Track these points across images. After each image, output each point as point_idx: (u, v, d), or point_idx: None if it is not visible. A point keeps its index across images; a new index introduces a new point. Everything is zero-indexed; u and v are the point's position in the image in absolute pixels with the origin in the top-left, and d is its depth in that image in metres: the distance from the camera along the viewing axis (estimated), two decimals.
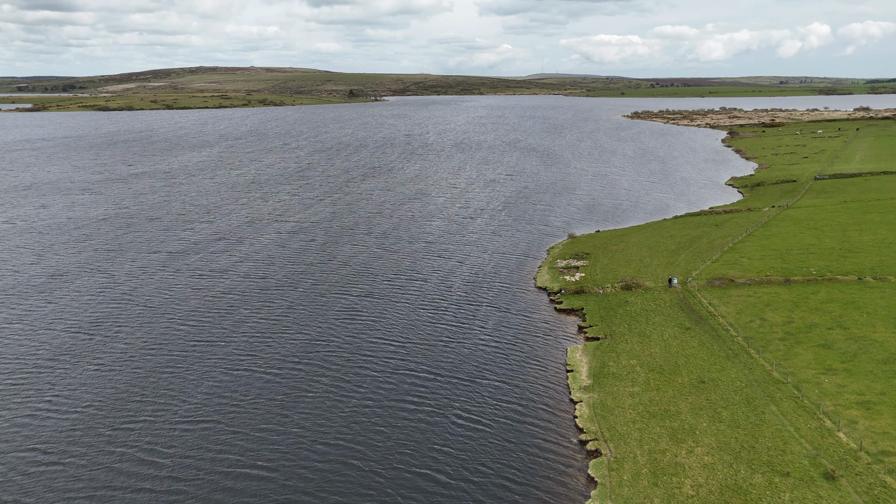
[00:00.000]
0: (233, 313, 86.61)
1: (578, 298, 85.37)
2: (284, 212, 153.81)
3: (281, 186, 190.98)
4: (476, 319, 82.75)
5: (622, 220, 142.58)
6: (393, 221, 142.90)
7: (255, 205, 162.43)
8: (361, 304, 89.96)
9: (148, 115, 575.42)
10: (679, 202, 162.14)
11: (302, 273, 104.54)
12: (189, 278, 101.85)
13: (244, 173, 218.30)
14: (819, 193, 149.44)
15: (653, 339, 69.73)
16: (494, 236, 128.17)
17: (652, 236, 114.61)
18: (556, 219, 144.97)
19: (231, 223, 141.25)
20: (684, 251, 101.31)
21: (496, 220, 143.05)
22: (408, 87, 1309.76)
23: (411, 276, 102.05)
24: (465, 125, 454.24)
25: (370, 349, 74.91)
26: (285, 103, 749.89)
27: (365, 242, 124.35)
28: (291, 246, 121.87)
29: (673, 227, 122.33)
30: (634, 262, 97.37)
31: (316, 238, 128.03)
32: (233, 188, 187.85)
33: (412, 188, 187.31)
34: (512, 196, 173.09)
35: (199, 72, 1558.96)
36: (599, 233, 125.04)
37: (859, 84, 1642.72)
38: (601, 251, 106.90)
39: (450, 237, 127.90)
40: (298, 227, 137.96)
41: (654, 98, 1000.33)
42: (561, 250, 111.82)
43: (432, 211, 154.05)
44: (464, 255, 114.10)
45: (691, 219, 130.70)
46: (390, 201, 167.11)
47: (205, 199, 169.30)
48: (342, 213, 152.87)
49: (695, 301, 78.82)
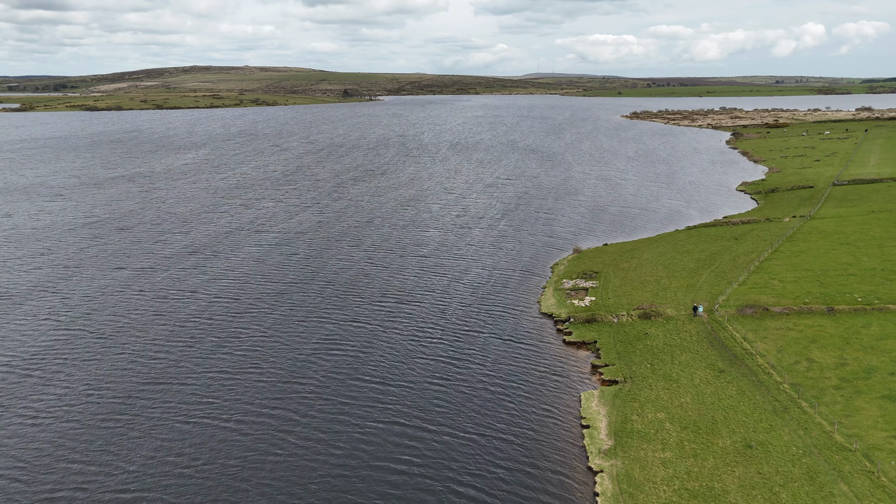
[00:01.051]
0: (195, 346, 75.75)
1: (590, 329, 74.83)
2: (267, 221, 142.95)
3: (266, 192, 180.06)
4: (474, 355, 72.13)
5: (631, 230, 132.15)
6: (384, 231, 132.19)
7: (237, 212, 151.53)
8: (344, 333, 79.22)
9: (137, 116, 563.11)
10: (690, 209, 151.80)
11: (280, 294, 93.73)
12: (152, 301, 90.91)
13: (228, 177, 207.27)
14: (841, 201, 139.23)
15: (681, 384, 59.23)
16: (493, 249, 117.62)
17: (666, 252, 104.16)
18: (559, 228, 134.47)
19: (208, 234, 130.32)
20: (705, 270, 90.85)
21: (495, 230, 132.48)
22: (403, 86, 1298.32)
23: (402, 298, 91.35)
24: (461, 125, 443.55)
25: (351, 393, 64.23)
26: (278, 103, 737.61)
27: (352, 256, 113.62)
28: (271, 261, 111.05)
29: (688, 241, 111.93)
30: (650, 284, 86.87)
31: (298, 251, 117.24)
32: (215, 194, 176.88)
33: (405, 193, 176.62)
34: (511, 202, 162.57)
35: (193, 71, 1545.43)
36: (607, 246, 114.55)
37: (856, 84, 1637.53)
38: (611, 269, 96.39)
39: (445, 250, 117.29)
40: (280, 238, 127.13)
41: (651, 98, 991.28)
42: (567, 267, 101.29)
43: (426, 219, 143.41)
44: (460, 272, 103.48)
45: (706, 230, 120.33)
46: (382, 208, 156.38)
47: (183, 207, 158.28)
48: (329, 221, 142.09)
49: (725, 334, 68.31)
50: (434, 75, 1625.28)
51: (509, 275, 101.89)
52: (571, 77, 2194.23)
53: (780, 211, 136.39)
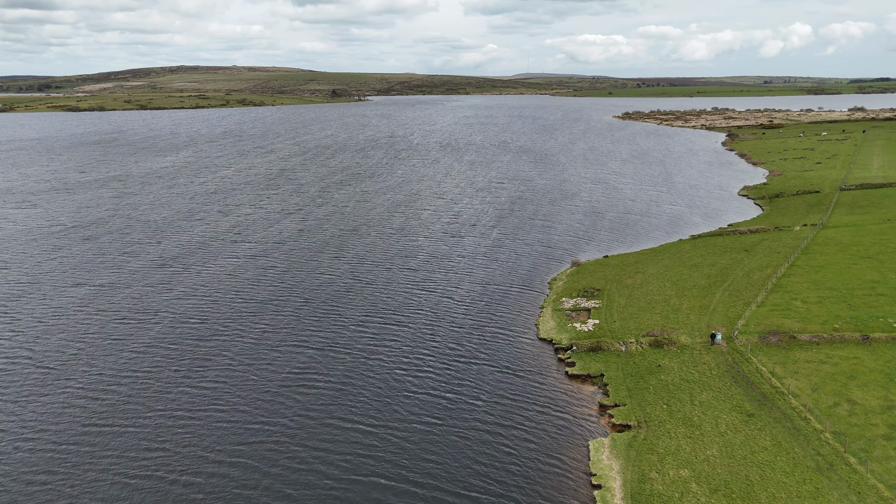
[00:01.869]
0: (152, 379, 67.13)
1: (595, 359, 66.84)
2: (245, 229, 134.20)
3: (246, 197, 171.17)
4: (467, 390, 63.98)
5: (632, 239, 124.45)
6: (369, 241, 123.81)
7: (213, 220, 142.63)
8: (321, 363, 70.87)
9: (119, 116, 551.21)
10: (692, 216, 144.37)
11: (252, 315, 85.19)
12: (110, 324, 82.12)
13: (208, 181, 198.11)
14: (852, 208, 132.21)
15: (705, 430, 51.38)
16: (486, 261, 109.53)
17: (672, 266, 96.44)
18: (555, 237, 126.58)
19: (179, 244, 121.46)
20: (718, 288, 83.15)
21: (488, 239, 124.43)
22: (393, 86, 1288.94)
23: (387, 319, 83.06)
24: (451, 126, 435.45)
25: (327, 438, 55.95)
26: (265, 103, 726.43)
27: (334, 270, 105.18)
28: (245, 275, 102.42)
29: (694, 252, 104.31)
30: (659, 305, 79.04)
31: (276, 264, 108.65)
32: (192, 199, 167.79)
33: (394, 198, 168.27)
34: (505, 207, 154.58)
35: (180, 71, 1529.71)
36: (608, 259, 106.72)
37: (843, 84, 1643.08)
38: (615, 286, 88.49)
39: (435, 262, 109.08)
40: (258, 249, 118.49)
41: (641, 98, 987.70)
42: (566, 283, 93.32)
43: (415, 227, 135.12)
44: (451, 288, 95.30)
45: (713, 240, 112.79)
46: (368, 215, 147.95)
47: (156, 214, 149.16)
48: (311, 229, 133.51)
49: (749, 368, 60.54)
50: (424, 75, 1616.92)
51: (504, 291, 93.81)
52: (561, 77, 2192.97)
53: (789, 218, 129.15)
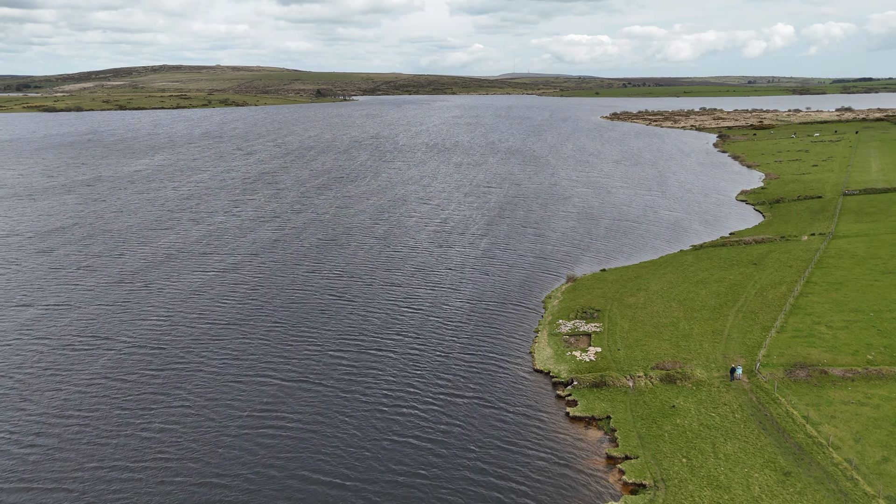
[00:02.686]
0: (89, 425, 58.28)
1: (599, 396, 58.85)
2: (216, 239, 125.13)
3: (220, 203, 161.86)
4: (455, 436, 55.73)
5: (629, 249, 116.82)
6: (349, 252, 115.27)
7: (183, 229, 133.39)
8: (290, 401, 62.37)
9: (97, 117, 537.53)
10: (690, 223, 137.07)
11: (215, 340, 76.45)
12: (50, 354, 73.03)
13: (181, 186, 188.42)
14: (859, 215, 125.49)
15: (735, 494, 43.51)
16: (475, 275, 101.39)
17: (677, 281, 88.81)
18: (549, 247, 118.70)
19: (144, 257, 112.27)
20: (730, 309, 75.54)
21: (477, 250, 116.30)
22: (378, 86, 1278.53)
23: (367, 344, 74.67)
24: (438, 126, 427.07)
25: (292, 499, 47.50)
26: (248, 104, 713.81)
27: (310, 286, 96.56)
28: (211, 293, 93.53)
29: (698, 266, 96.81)
30: (667, 329, 71.27)
31: (246, 279, 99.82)
32: (162, 206, 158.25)
33: (377, 204, 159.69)
34: (494, 213, 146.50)
35: (163, 70, 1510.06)
36: (606, 273, 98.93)
37: (826, 84, 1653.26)
38: (616, 306, 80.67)
39: (420, 276, 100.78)
40: (228, 261, 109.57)
41: (628, 98, 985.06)
42: (562, 301, 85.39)
43: (399, 236, 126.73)
44: (438, 307, 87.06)
45: (716, 252, 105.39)
46: (349, 223, 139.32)
47: (122, 222, 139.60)
48: (288, 239, 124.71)
49: (779, 410, 52.83)
50: (410, 75, 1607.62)
51: (495, 310, 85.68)
52: (547, 77, 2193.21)
53: (793, 226, 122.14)
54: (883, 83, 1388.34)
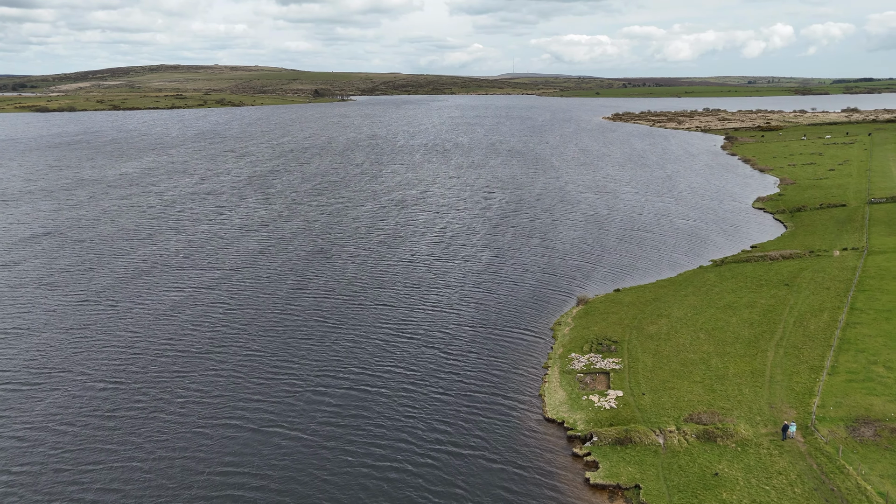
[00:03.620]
0: (34, 476, 48.80)
1: (625, 457, 49.39)
2: (195, 252, 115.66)
3: (205, 210, 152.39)
4: (453, 501, 46.38)
5: (643, 263, 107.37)
6: (338, 268, 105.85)
7: (162, 240, 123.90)
8: (258, 458, 52.95)
9: (90, 117, 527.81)
10: (706, 232, 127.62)
11: (180, 377, 67.02)
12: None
13: (166, 191, 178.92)
14: (891, 226, 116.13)
15: None
16: (476, 294, 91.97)
17: (701, 305, 79.44)
18: (555, 260, 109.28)
19: (114, 272, 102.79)
20: (768, 342, 66.13)
21: (478, 264, 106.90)
22: (377, 86, 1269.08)
23: (354, 381, 65.28)
24: (437, 126, 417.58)
25: None
26: (245, 103, 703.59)
27: (292, 309, 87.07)
28: (183, 316, 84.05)
29: (723, 286, 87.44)
30: (697, 368, 61.88)
31: (224, 300, 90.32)
32: (143, 214, 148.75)
33: (371, 211, 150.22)
34: (496, 222, 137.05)
35: (160, 70, 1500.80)
36: (620, 293, 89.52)
37: (827, 84, 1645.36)
38: (635, 336, 71.30)
39: (416, 296, 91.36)
40: (207, 278, 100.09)
41: (629, 98, 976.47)
42: (573, 329, 76.01)
43: (394, 248, 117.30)
44: (435, 334, 77.65)
45: (741, 269, 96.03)
46: (340, 232, 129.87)
47: (96, 231, 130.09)
48: (274, 251, 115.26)
49: (848, 484, 43.42)
50: (409, 75, 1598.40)
51: (499, 339, 76.28)
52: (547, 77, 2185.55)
53: (820, 239, 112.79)
54: (884, 83, 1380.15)
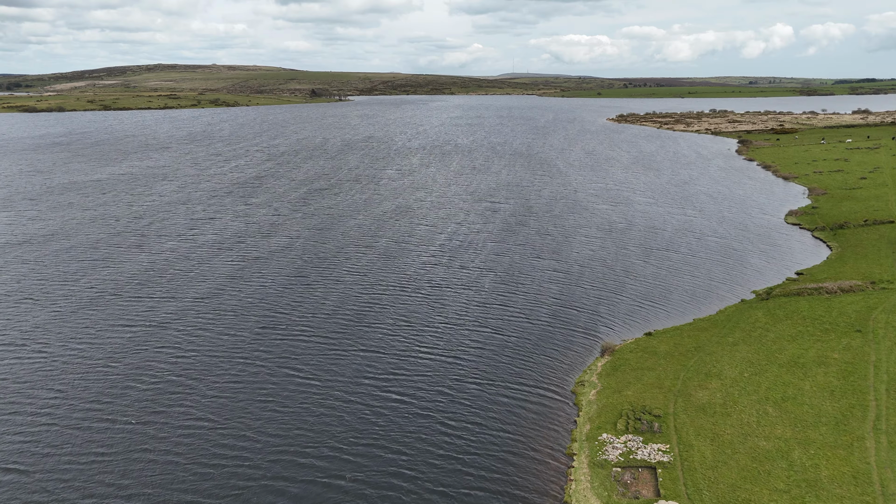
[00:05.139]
0: None
1: None
2: (156, 276, 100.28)
3: (176, 223, 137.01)
4: None
5: (674, 293, 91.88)
6: (311, 307, 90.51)
7: (121, 260, 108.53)
8: None
9: (78, 118, 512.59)
10: (743, 254, 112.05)
11: (90, 469, 51.76)
12: None
13: (138, 199, 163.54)
14: None
15: None
16: (479, 335, 76.66)
17: (759, 360, 64.14)
18: (570, 287, 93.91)
19: (53, 305, 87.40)
20: (862, 424, 50.81)
21: (480, 294, 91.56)
22: (376, 86, 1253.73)
23: (314, 480, 50.03)
24: (437, 128, 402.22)
25: None
26: (240, 104, 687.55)
27: (255, 358, 71.81)
28: (118, 369, 68.72)
29: (778, 330, 72.19)
30: (776, 466, 46.55)
31: (175, 343, 75.01)
32: (106, 227, 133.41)
33: (360, 225, 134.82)
34: (500, 237, 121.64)
35: (157, 70, 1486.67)
36: (652, 338, 74.20)
37: (828, 84, 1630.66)
38: (681, 405, 56.00)
39: (405, 339, 76.06)
40: (159, 313, 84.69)
41: (631, 99, 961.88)
42: (601, 395, 60.70)
43: (382, 277, 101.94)
44: (426, 399, 62.38)
45: (793, 304, 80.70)
46: (323, 253, 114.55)
47: (45, 250, 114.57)
48: (243, 278, 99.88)
49: None
50: (408, 75, 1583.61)
51: (507, 405, 60.94)
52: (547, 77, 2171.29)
53: (877, 265, 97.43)
54: (889, 84, 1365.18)
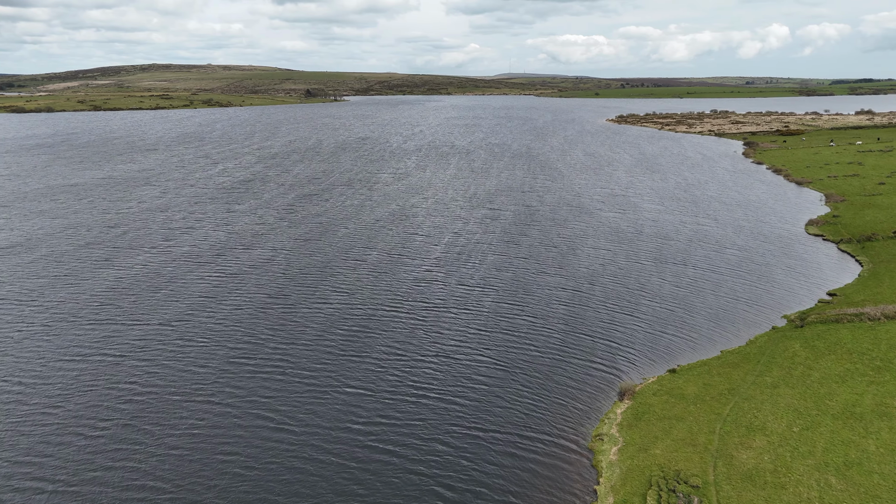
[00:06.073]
0: None
1: None
2: (114, 300, 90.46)
3: (151, 234, 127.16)
4: None
5: (695, 316, 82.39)
6: (290, 335, 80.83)
7: (84, 276, 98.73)
8: None
9: (67, 119, 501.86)
10: (765, 268, 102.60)
11: None
12: None
13: (114, 206, 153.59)
14: None
15: None
16: (479, 366, 67.08)
17: (807, 409, 54.76)
18: (580, 308, 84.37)
19: (12, 325, 77.65)
20: None
21: (479, 318, 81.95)
22: (372, 86, 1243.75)
23: None
24: (434, 128, 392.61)
25: None
26: (233, 104, 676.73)
27: (219, 403, 62.14)
28: (63, 414, 58.96)
29: (820, 366, 62.83)
30: None
31: (133, 378, 65.31)
32: (74, 238, 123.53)
33: (349, 237, 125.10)
34: (501, 250, 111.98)
35: (152, 70, 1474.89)
36: (677, 377, 64.71)
37: (825, 84, 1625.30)
38: (723, 471, 46.58)
39: (395, 377, 66.45)
40: (110, 346, 74.91)
41: (630, 99, 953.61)
42: (623, 453, 51.20)
43: (372, 297, 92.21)
44: (418, 453, 52.80)
45: (833, 333, 71.29)
46: (305, 270, 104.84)
47: (18, 259, 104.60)
48: (211, 304, 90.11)
49: None
50: (404, 74, 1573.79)
51: (513, 467, 51.36)
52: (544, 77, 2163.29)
53: None
54: (887, 84, 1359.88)
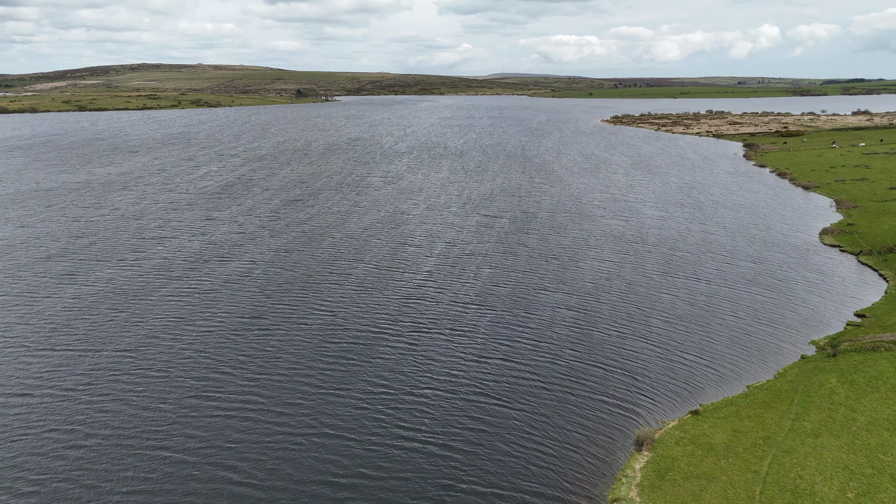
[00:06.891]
0: None
1: None
2: (74, 320, 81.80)
3: (121, 244, 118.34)
4: None
5: (715, 343, 74.51)
6: (263, 363, 72.39)
7: (45, 293, 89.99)
8: None
9: (51, 119, 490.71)
10: (786, 284, 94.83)
11: None
12: None
13: (84, 214, 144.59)
14: None
15: None
16: (473, 405, 58.98)
17: (858, 466, 47.07)
18: (587, 331, 76.34)
19: None
20: None
21: (474, 346, 73.79)
22: (364, 86, 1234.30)
23: None
24: (427, 129, 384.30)
25: None
26: (222, 104, 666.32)
27: (175, 461, 53.68)
28: (12, 448, 50.48)
29: (862, 407, 55.30)
30: None
31: (83, 414, 56.79)
32: (39, 249, 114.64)
33: (332, 247, 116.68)
34: (497, 263, 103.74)
35: (142, 69, 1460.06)
36: (701, 420, 56.77)
37: (817, 84, 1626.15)
38: None
39: (379, 430, 58.19)
40: (67, 373, 66.40)
41: (623, 99, 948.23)
42: None
43: (355, 321, 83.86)
44: None
45: (871, 364, 63.65)
46: (284, 287, 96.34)
47: None
48: (181, 326, 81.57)
49: None
50: (397, 74, 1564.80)
51: None
52: (537, 77, 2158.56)
53: None
54: (878, 84, 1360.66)
